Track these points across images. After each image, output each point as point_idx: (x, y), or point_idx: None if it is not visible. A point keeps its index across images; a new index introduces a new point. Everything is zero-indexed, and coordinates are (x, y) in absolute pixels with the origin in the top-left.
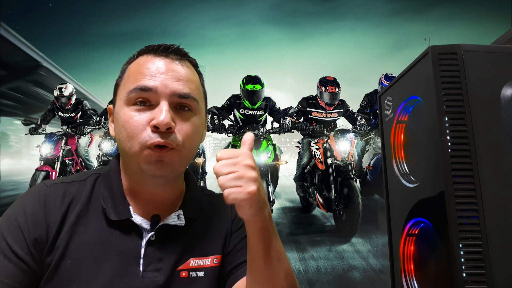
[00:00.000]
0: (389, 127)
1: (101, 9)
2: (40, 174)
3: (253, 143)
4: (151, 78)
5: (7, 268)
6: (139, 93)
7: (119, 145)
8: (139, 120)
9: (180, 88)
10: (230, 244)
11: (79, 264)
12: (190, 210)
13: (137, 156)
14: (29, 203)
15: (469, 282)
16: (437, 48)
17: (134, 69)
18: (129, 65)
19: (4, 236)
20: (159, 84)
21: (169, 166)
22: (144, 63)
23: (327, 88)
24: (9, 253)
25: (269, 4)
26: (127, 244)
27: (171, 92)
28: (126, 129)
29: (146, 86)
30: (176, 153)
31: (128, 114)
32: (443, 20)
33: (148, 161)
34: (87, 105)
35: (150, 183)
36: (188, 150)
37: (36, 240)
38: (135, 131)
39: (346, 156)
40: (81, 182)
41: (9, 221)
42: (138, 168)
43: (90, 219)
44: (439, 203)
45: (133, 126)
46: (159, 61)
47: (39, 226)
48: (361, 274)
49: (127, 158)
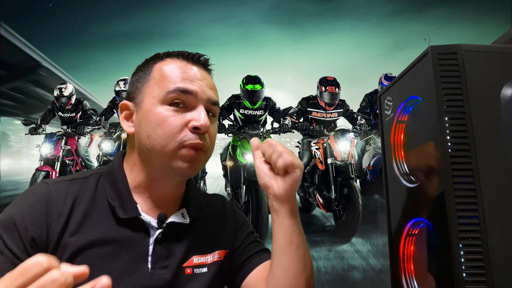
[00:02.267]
0: (389, 127)
1: (101, 9)
2: (40, 174)
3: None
4: (190, 82)
5: (2, 265)
6: (179, 94)
7: (145, 142)
8: (177, 120)
9: (213, 95)
10: (236, 240)
11: (88, 262)
12: (193, 209)
13: (171, 154)
14: (28, 201)
15: (469, 282)
16: (437, 48)
17: (170, 70)
18: (157, 64)
19: (0, 234)
20: (199, 89)
21: (198, 167)
22: (180, 67)
23: (327, 88)
24: (4, 249)
25: (269, 4)
26: (135, 242)
27: (207, 98)
28: (163, 127)
29: (187, 89)
30: (204, 155)
31: (165, 113)
32: (443, 20)
33: (184, 160)
34: (87, 105)
35: (168, 181)
36: (211, 153)
37: (34, 239)
38: (173, 130)
39: (346, 156)
40: (82, 180)
41: (6, 219)
42: (167, 165)
43: (97, 218)
44: (439, 203)
45: (171, 125)
46: (193, 67)
47: (38, 225)
48: (361, 274)
49: (154, 154)
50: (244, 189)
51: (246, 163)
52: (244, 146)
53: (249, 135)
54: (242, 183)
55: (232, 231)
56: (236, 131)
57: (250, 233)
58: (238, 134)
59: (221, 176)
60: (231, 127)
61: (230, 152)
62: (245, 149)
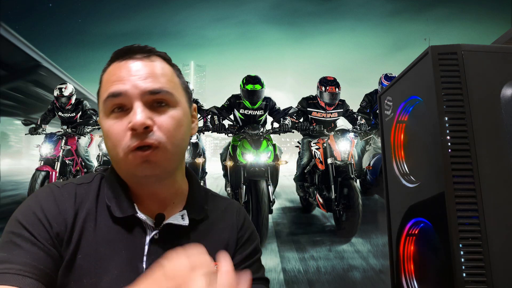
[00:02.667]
0: (389, 127)
1: (101, 9)
2: (40, 174)
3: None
4: (119, 82)
5: (38, 255)
6: (112, 100)
7: (109, 154)
8: (118, 127)
9: (149, 85)
10: (235, 258)
11: (89, 260)
12: (194, 210)
13: (124, 162)
14: (44, 201)
15: (469, 282)
16: (437, 48)
17: (106, 78)
18: (103, 74)
19: (27, 228)
20: (129, 87)
21: (157, 165)
22: (112, 70)
23: (327, 88)
24: (36, 241)
25: (269, 4)
26: (132, 241)
27: (141, 92)
28: (110, 139)
29: (116, 92)
30: (160, 151)
31: (108, 123)
32: (443, 20)
33: (135, 164)
34: (87, 105)
35: (146, 184)
36: (174, 145)
37: (58, 235)
38: (117, 138)
39: (346, 156)
40: (88, 184)
41: (28, 216)
42: (129, 172)
43: (97, 218)
44: (439, 203)
45: (114, 135)
46: (125, 65)
47: (58, 222)
48: (361, 274)
49: (116, 165)
50: (244, 189)
51: (246, 163)
52: (244, 146)
53: (249, 135)
54: (242, 183)
55: (234, 245)
56: (236, 131)
57: (250, 254)
58: (238, 134)
59: (221, 176)
60: (231, 127)
61: (230, 152)
62: (245, 149)
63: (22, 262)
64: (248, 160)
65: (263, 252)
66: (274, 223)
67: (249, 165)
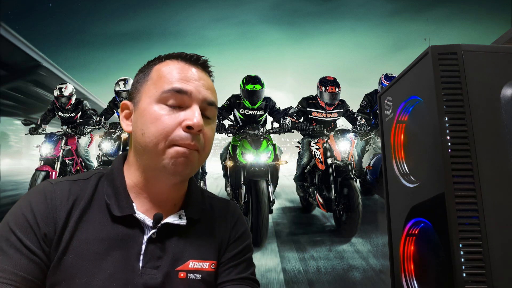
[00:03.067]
0: (389, 127)
1: (101, 9)
2: (40, 174)
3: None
4: (186, 82)
5: (19, 261)
6: (174, 94)
7: (140, 140)
8: (171, 119)
9: (209, 96)
10: (224, 255)
11: (81, 259)
12: (192, 210)
13: (162, 152)
14: (35, 200)
15: (469, 282)
16: (437, 48)
17: (167, 71)
18: (156, 65)
19: (14, 231)
20: (194, 89)
21: (190, 165)
22: (177, 67)
23: (327, 88)
24: (21, 246)
25: (269, 4)
26: (129, 240)
27: (202, 98)
28: (156, 126)
29: (182, 89)
30: (198, 155)
31: (159, 111)
32: (443, 20)
33: (174, 158)
34: (87, 105)
35: (163, 181)
36: (206, 154)
37: (46, 236)
38: (166, 129)
39: (346, 156)
40: (85, 180)
41: (17, 217)
42: (159, 164)
43: (93, 215)
44: (439, 203)
45: (165, 124)
46: (190, 68)
47: (47, 222)
48: (361, 274)
49: (147, 152)
50: (244, 189)
51: (246, 163)
52: (244, 146)
53: (249, 135)
54: (242, 183)
55: (226, 243)
56: (236, 131)
57: (239, 252)
58: (238, 134)
59: (221, 176)
60: (231, 127)
61: (230, 152)
62: (245, 149)
63: (4, 269)
64: (248, 160)
65: (263, 252)
66: (274, 223)
67: (249, 165)
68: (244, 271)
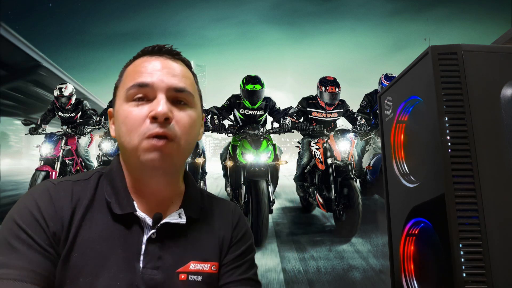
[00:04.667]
0: (389, 127)
1: (101, 9)
2: (40, 174)
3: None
4: (148, 75)
5: (34, 258)
6: (137, 89)
7: (119, 142)
8: (138, 114)
9: (175, 82)
10: (226, 256)
11: (85, 258)
12: (191, 208)
13: (136, 149)
14: (41, 199)
15: (469, 282)
16: (437, 48)
17: (132, 70)
18: (127, 68)
19: (23, 228)
20: (156, 80)
21: (168, 157)
22: (140, 63)
23: (327, 88)
24: (33, 243)
25: (269, 4)
26: (130, 239)
27: (167, 86)
28: (126, 124)
29: (143, 82)
30: (175, 145)
31: (128, 109)
32: (443, 20)
33: (148, 151)
34: (87, 105)
35: (151, 178)
36: (186, 142)
37: (55, 234)
38: (135, 124)
39: (346, 156)
40: (85, 181)
41: (24, 214)
42: (138, 161)
43: (95, 215)
44: (439, 203)
45: (132, 120)
46: (154, 60)
47: (55, 221)
48: (361, 274)
49: (127, 153)
50: (244, 189)
51: (246, 163)
52: (244, 146)
53: (249, 135)
54: (242, 183)
55: (228, 244)
56: (236, 131)
57: (242, 253)
58: (238, 134)
59: (221, 176)
60: (231, 127)
61: (230, 152)
62: (245, 149)
63: (20, 267)
64: (248, 160)
65: (264, 252)
66: (274, 223)
67: (249, 165)
68: (246, 272)
